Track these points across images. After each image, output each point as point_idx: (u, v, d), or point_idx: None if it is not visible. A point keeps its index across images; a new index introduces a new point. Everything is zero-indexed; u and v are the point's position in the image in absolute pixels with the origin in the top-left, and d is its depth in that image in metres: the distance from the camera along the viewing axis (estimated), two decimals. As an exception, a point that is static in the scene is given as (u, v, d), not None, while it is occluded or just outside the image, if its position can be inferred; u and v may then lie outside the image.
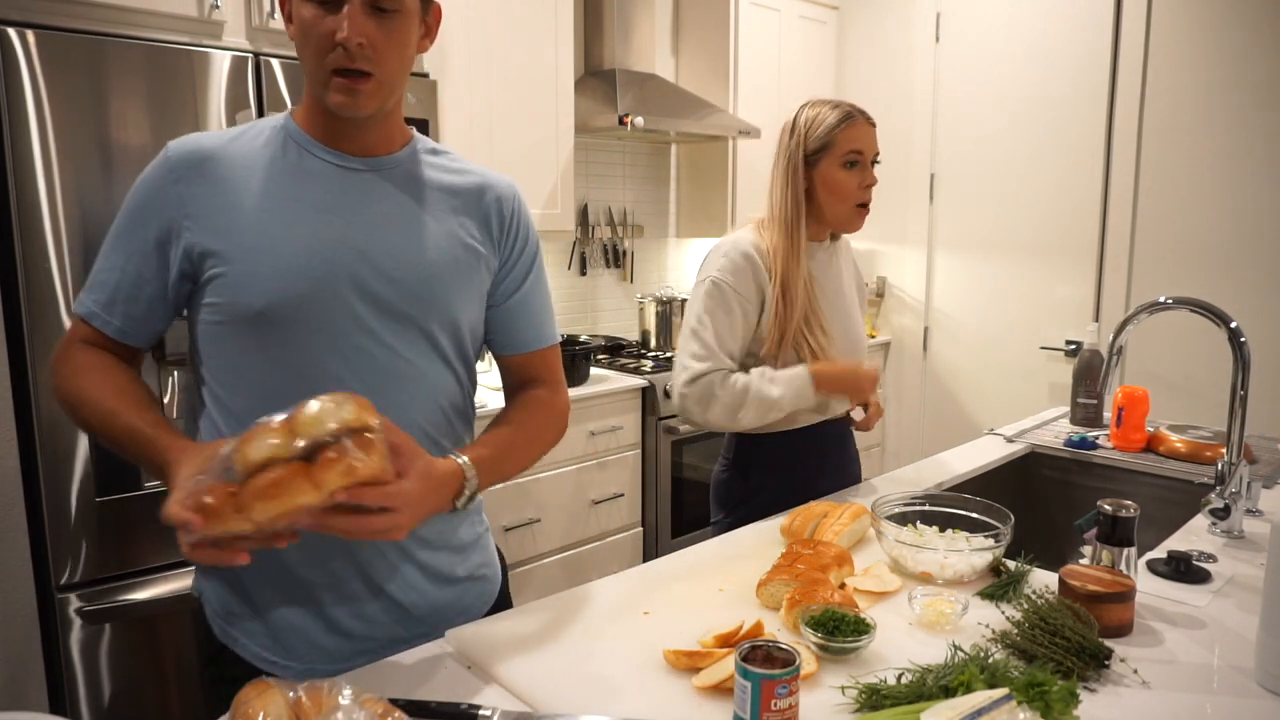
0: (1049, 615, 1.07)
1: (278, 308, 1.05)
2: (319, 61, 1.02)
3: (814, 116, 1.69)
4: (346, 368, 1.08)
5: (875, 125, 1.71)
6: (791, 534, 1.43)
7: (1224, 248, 3.09)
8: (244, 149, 1.09)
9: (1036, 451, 2.09)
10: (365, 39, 1.00)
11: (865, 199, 1.70)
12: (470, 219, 1.19)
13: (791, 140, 1.70)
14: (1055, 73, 3.41)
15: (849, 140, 1.66)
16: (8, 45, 1.71)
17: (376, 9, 1.01)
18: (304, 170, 1.09)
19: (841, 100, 1.71)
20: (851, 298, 1.83)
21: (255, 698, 0.80)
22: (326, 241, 1.07)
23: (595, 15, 3.31)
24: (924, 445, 3.87)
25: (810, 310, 1.68)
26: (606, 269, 3.67)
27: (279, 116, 1.13)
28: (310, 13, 1.00)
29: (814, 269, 1.73)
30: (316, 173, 1.09)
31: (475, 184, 1.23)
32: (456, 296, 1.16)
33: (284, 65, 2.04)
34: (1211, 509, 1.48)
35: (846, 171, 1.67)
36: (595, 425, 2.87)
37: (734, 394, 1.62)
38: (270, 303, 1.04)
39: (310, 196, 1.08)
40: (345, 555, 1.11)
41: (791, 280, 1.66)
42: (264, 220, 1.05)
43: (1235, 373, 1.49)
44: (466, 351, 1.21)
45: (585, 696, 0.97)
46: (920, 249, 3.90)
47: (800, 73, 3.83)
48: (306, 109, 1.11)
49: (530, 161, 2.91)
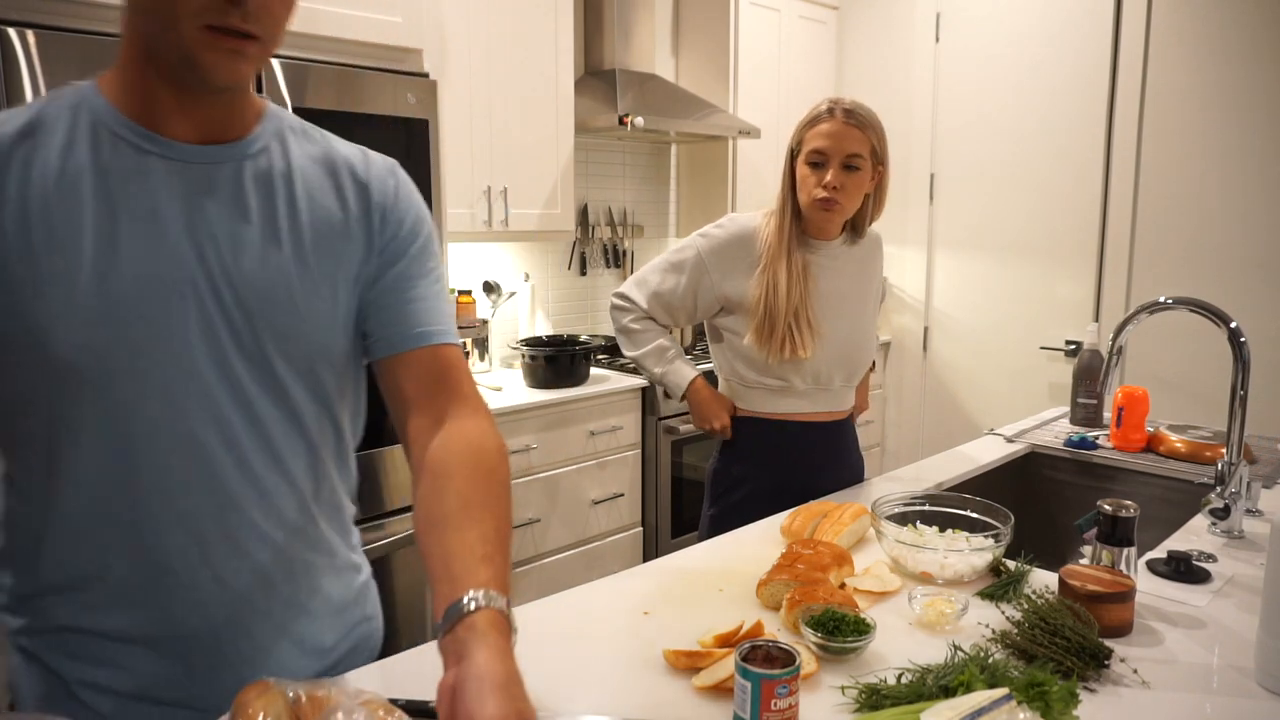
0: (1049, 615, 1.07)
1: (95, 358, 0.83)
2: (191, 16, 0.78)
3: (804, 115, 1.71)
4: (204, 430, 0.88)
5: (863, 127, 1.64)
6: (791, 534, 1.43)
7: (1224, 248, 3.09)
8: (48, 136, 0.84)
9: (1036, 451, 2.09)
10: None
11: (823, 195, 1.65)
12: (340, 198, 0.97)
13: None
14: (1055, 73, 3.41)
15: (811, 139, 1.66)
16: (8, 45, 1.71)
17: None
18: (129, 167, 0.85)
19: (839, 99, 1.68)
20: (858, 302, 1.80)
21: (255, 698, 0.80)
22: (165, 264, 0.85)
23: (595, 15, 3.31)
24: (924, 445, 3.87)
25: (800, 305, 1.68)
26: (606, 269, 3.67)
27: (69, 93, 0.87)
28: None
29: (812, 265, 1.72)
30: (148, 170, 0.86)
31: (339, 154, 0.99)
32: (326, 320, 0.95)
33: (283, 65, 2.04)
34: (1211, 509, 1.48)
35: (810, 170, 1.67)
36: (595, 425, 2.88)
37: (633, 335, 1.83)
38: (84, 352, 0.82)
39: (139, 204, 0.85)
40: (206, 641, 0.93)
41: (776, 270, 1.68)
42: (76, 240, 0.82)
43: (1235, 373, 1.49)
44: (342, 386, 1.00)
45: (585, 696, 0.97)
46: (920, 249, 3.89)
47: (800, 73, 3.83)
48: (129, 82, 0.86)
49: (530, 161, 2.91)
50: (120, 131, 0.86)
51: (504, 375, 3.09)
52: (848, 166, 1.64)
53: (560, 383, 2.88)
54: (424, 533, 0.85)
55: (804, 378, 1.74)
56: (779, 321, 1.67)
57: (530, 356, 2.89)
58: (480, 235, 2.80)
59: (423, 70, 2.38)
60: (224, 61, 0.82)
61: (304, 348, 0.93)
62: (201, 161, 0.89)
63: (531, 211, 2.94)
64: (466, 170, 2.71)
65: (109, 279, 0.83)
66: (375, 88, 2.19)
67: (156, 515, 0.89)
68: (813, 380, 1.75)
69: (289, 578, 0.97)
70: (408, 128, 2.26)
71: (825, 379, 1.77)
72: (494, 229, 2.81)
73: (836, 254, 1.77)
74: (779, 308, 1.67)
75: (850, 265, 1.79)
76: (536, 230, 2.98)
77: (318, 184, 0.96)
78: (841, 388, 1.81)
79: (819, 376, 1.76)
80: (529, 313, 3.27)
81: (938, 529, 1.42)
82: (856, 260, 1.81)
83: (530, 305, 3.27)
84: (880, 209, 1.79)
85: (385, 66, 2.25)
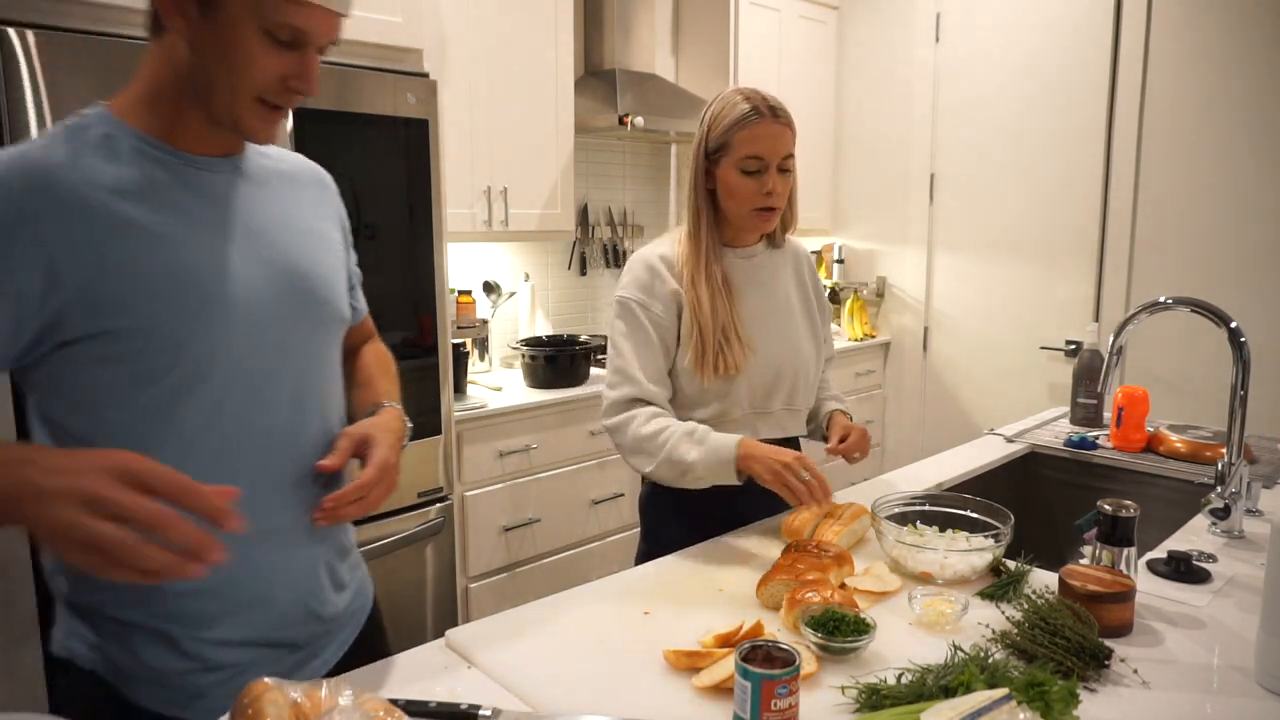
0: (1049, 615, 1.07)
1: (202, 354, 0.95)
2: (253, 92, 0.93)
3: (718, 111, 1.52)
4: (275, 393, 1.02)
5: (789, 124, 1.51)
6: (791, 534, 1.43)
7: (1224, 248, 3.09)
8: (86, 165, 0.92)
9: (1036, 451, 2.09)
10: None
11: (766, 204, 1.52)
12: (322, 208, 1.16)
13: (698, 134, 1.55)
14: (1055, 73, 3.41)
15: (747, 143, 1.48)
16: (8, 45, 1.71)
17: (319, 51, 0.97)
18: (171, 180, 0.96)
19: (756, 92, 1.51)
20: (786, 313, 1.64)
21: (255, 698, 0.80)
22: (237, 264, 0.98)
23: (595, 15, 3.31)
24: (924, 445, 3.87)
25: (727, 319, 1.54)
26: (606, 269, 3.67)
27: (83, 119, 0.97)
28: (265, 49, 0.92)
29: (733, 276, 1.58)
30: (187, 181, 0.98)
31: (305, 167, 1.16)
32: (343, 295, 1.15)
33: (284, 65, 2.04)
34: (1211, 509, 1.48)
35: (744, 177, 1.50)
36: (595, 425, 2.87)
37: (654, 442, 1.47)
38: (191, 350, 0.94)
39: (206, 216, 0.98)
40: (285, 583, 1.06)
41: (699, 288, 1.53)
42: (165, 251, 0.93)
43: (1235, 373, 1.49)
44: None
45: (585, 696, 0.97)
46: (920, 249, 3.90)
47: (800, 73, 3.83)
48: (159, 107, 0.96)
49: (530, 161, 2.91)
50: (154, 153, 0.96)
51: (504, 375, 3.09)
52: (781, 169, 1.52)
53: (560, 383, 2.88)
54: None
55: (739, 402, 1.58)
56: (709, 339, 1.52)
57: (530, 356, 2.89)
58: (480, 235, 2.80)
59: (423, 70, 2.38)
60: (266, 129, 0.98)
61: (334, 312, 1.11)
62: (226, 171, 1.02)
63: (531, 211, 2.94)
64: (466, 170, 2.71)
65: (193, 274, 0.95)
66: (375, 88, 2.19)
67: (242, 465, 1.00)
68: (749, 404, 1.59)
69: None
70: (408, 128, 2.26)
71: (762, 401, 1.61)
72: (494, 229, 2.81)
73: (758, 261, 1.63)
74: (706, 326, 1.52)
75: (773, 273, 1.65)
76: (536, 230, 2.98)
77: (295, 186, 1.12)
78: (783, 411, 1.64)
79: (754, 398, 1.60)
80: (529, 313, 3.27)
81: (938, 529, 1.42)
82: (778, 268, 1.66)
83: (530, 305, 3.27)
84: (796, 207, 1.63)
85: (385, 66, 2.25)
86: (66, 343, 0.91)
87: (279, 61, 0.93)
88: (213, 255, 0.97)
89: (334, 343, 1.13)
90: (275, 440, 1.02)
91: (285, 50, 0.93)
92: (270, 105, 0.95)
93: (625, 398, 1.53)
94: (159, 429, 0.94)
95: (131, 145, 0.95)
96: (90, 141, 0.93)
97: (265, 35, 0.91)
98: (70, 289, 0.88)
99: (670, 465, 1.46)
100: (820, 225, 4.11)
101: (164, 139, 0.97)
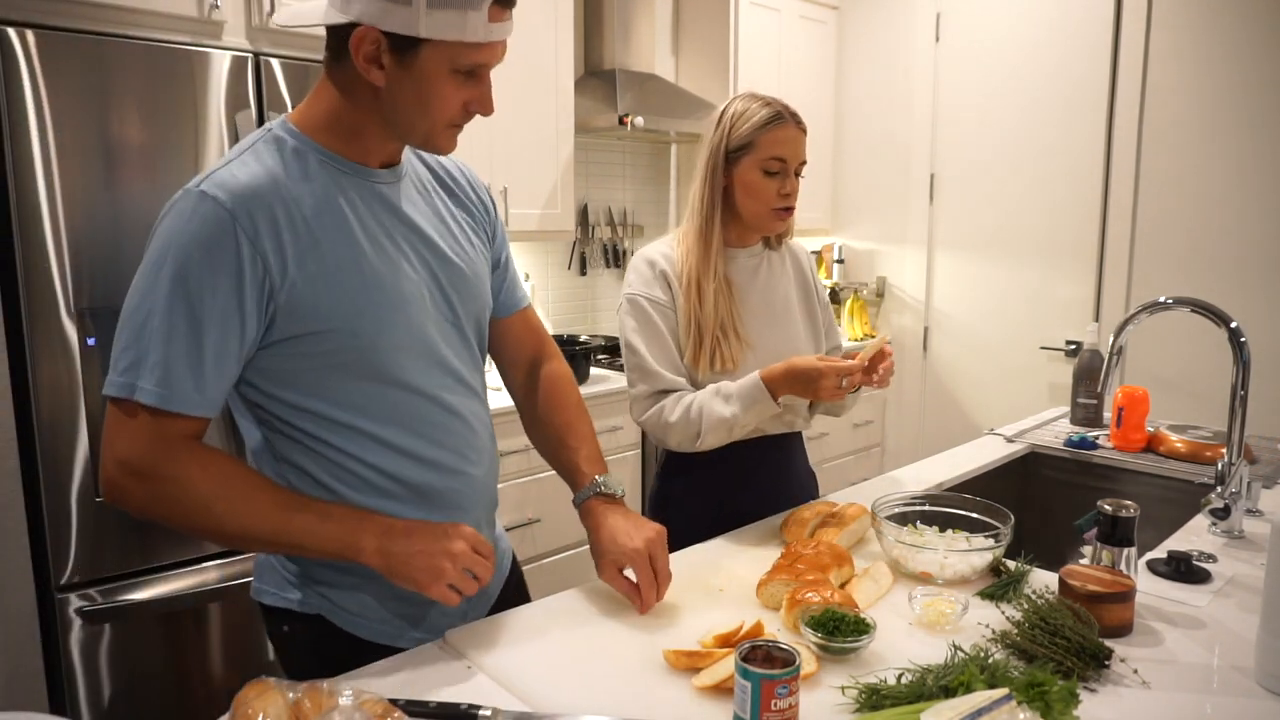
0: (1049, 615, 1.07)
1: (393, 347, 1.10)
2: (445, 121, 1.06)
3: (741, 111, 1.58)
4: (441, 372, 1.16)
5: (805, 131, 1.59)
6: (791, 534, 1.43)
7: (1224, 247, 3.09)
8: (287, 181, 1.04)
9: (1036, 451, 2.09)
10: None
11: (785, 204, 1.58)
12: (465, 200, 1.27)
13: (716, 134, 1.59)
14: (1055, 72, 3.41)
15: (772, 144, 1.55)
16: (8, 45, 1.71)
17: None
18: (355, 193, 1.09)
19: (775, 99, 1.59)
20: (789, 308, 1.69)
21: (255, 698, 0.80)
22: (407, 263, 1.12)
23: (595, 15, 3.31)
24: (924, 445, 3.87)
25: (726, 318, 1.58)
26: (606, 269, 3.67)
27: (275, 133, 1.07)
28: (453, 86, 1.03)
29: (734, 275, 1.63)
30: (370, 193, 1.11)
31: (447, 163, 1.28)
32: (485, 281, 1.26)
33: (284, 65, 2.04)
34: (1211, 509, 1.48)
35: (765, 178, 1.56)
36: (595, 425, 2.86)
37: (686, 420, 1.53)
38: (388, 344, 1.09)
39: (382, 221, 1.11)
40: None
41: (703, 287, 1.57)
42: (355, 260, 1.06)
43: (1235, 373, 1.49)
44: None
45: (585, 696, 0.97)
46: (920, 249, 3.89)
47: (800, 73, 3.83)
48: (342, 125, 1.08)
49: (530, 161, 2.91)
50: (336, 166, 1.08)
51: (504, 375, 3.09)
52: (797, 173, 1.59)
53: (560, 383, 2.88)
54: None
55: None
56: (706, 335, 1.57)
57: (530, 356, 2.89)
58: (480, 235, 2.80)
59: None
60: (453, 144, 1.11)
61: (479, 300, 1.23)
62: (392, 180, 1.14)
63: (531, 211, 2.94)
64: (466, 170, 2.71)
65: (392, 286, 1.09)
66: (375, 88, 2.18)
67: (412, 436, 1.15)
68: None
69: (491, 474, 1.28)
70: (408, 128, 2.26)
71: None
72: (494, 229, 2.80)
73: (758, 261, 1.67)
74: (705, 323, 1.57)
75: (772, 273, 1.69)
76: (536, 230, 2.98)
77: (439, 187, 1.23)
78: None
79: None
80: (529, 313, 3.26)
81: (938, 529, 1.42)
82: (778, 268, 1.71)
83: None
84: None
85: (385, 66, 2.25)
86: (274, 342, 1.04)
87: (464, 92, 1.05)
88: (388, 259, 1.10)
89: (482, 319, 1.26)
90: (442, 411, 1.16)
91: (468, 81, 1.04)
92: (457, 125, 1.09)
93: (649, 392, 1.58)
94: (350, 405, 1.09)
95: (318, 160, 1.07)
96: (287, 157, 1.05)
97: (454, 74, 1.03)
98: (281, 299, 1.01)
99: (715, 430, 1.53)
100: (820, 225, 4.11)
101: (341, 154, 1.08)
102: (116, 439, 0.99)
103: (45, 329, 1.79)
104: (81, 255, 1.81)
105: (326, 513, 1.05)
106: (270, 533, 1.03)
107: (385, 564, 1.04)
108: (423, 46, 0.99)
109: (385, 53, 1.00)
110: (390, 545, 1.04)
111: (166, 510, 1.01)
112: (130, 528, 1.91)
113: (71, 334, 1.82)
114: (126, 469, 0.98)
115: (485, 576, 1.07)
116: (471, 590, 1.06)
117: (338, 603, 1.16)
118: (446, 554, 1.04)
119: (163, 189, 1.88)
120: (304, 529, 1.03)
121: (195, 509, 1.01)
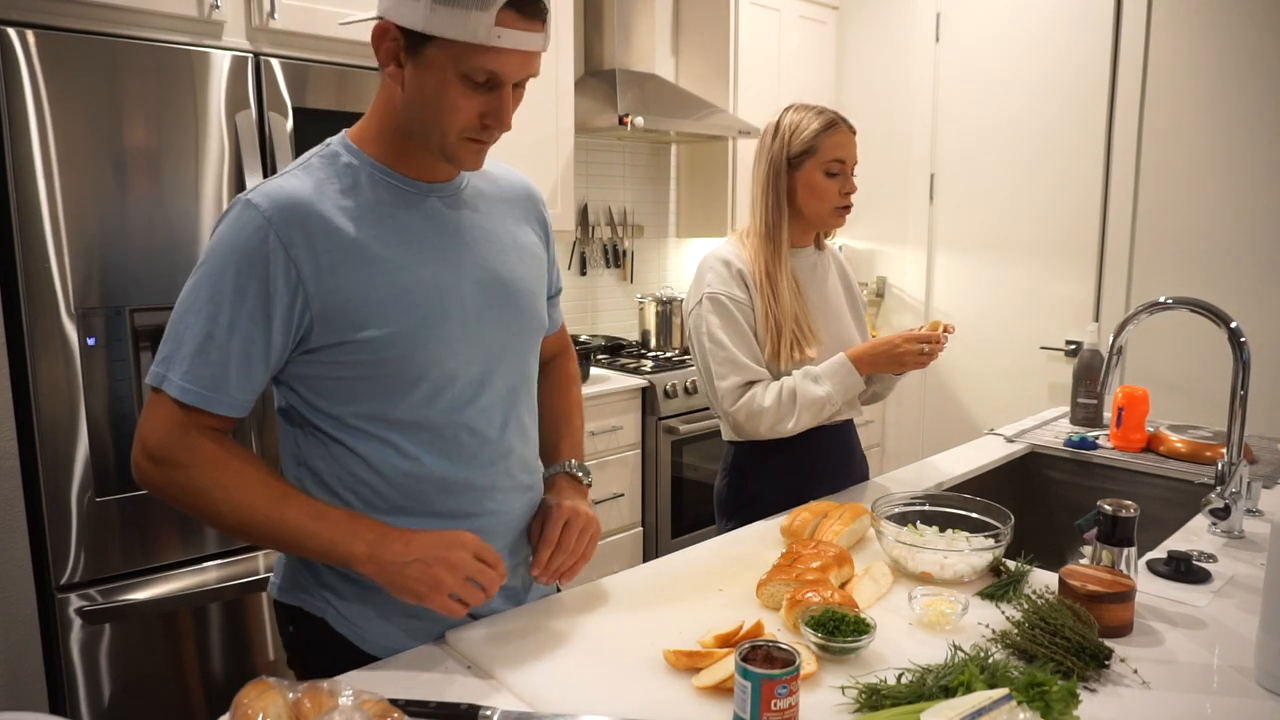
0: (1049, 615, 1.07)
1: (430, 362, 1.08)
2: (458, 132, 1.04)
3: (798, 121, 1.71)
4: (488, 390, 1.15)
5: (855, 133, 1.74)
6: (791, 534, 1.43)
7: (1224, 248, 3.09)
8: (332, 193, 1.05)
9: (1036, 451, 2.09)
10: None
11: (845, 203, 1.72)
12: (528, 223, 1.26)
13: (775, 143, 1.72)
14: (1055, 72, 3.41)
15: (833, 148, 1.69)
16: (8, 45, 1.71)
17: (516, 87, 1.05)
18: (404, 207, 1.09)
19: (825, 107, 1.73)
20: (840, 304, 1.83)
21: (255, 698, 0.80)
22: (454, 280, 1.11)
23: (595, 15, 3.31)
24: (924, 445, 3.87)
25: (799, 310, 1.70)
26: (606, 269, 3.67)
27: (332, 148, 1.10)
28: (463, 93, 1.01)
29: (798, 274, 1.74)
30: (413, 203, 1.10)
31: (517, 184, 1.28)
32: (543, 304, 1.25)
33: (284, 65, 2.04)
34: (1211, 509, 1.48)
35: (828, 179, 1.69)
36: (595, 425, 2.87)
37: (779, 402, 1.64)
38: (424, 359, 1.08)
39: (429, 237, 1.10)
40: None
41: (776, 284, 1.68)
42: (394, 273, 1.06)
43: (1235, 373, 1.49)
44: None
45: (585, 696, 0.97)
46: (920, 249, 3.90)
47: (800, 73, 3.83)
48: (390, 143, 1.09)
49: (530, 161, 2.91)
50: (386, 180, 1.09)
51: (504, 375, 3.09)
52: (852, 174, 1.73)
53: (560, 383, 2.88)
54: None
55: None
56: (785, 328, 1.68)
57: (530, 356, 2.89)
58: (480, 235, 2.80)
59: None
60: (474, 158, 1.08)
61: (535, 321, 1.22)
62: (446, 195, 1.14)
63: (531, 211, 2.94)
64: (466, 170, 2.71)
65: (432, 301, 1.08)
66: (375, 88, 2.18)
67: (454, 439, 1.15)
68: None
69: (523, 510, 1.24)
70: (408, 128, 2.26)
71: None
72: (494, 229, 2.80)
73: (813, 260, 1.81)
74: (784, 316, 1.68)
75: (824, 271, 1.83)
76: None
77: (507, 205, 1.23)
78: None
79: None
80: (529, 313, 3.26)
81: (938, 529, 1.42)
82: (827, 267, 1.85)
83: (530, 305, 3.27)
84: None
85: (385, 66, 2.25)
86: (310, 350, 1.05)
87: (476, 102, 1.02)
88: (434, 274, 1.09)
89: (534, 347, 1.25)
90: (485, 428, 1.15)
91: (481, 91, 1.01)
92: (475, 139, 1.06)
93: (739, 383, 1.66)
94: (386, 416, 1.09)
95: (369, 174, 1.08)
96: (339, 170, 1.07)
97: (463, 80, 1.00)
98: (315, 308, 1.03)
99: (810, 410, 1.65)
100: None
101: (393, 167, 1.09)
102: (145, 424, 1.04)
103: (45, 329, 1.79)
104: (82, 255, 1.81)
105: (320, 513, 1.04)
106: (265, 526, 1.03)
107: (379, 573, 1.02)
108: (431, 45, 0.99)
109: (402, 50, 1.01)
110: (384, 553, 1.02)
111: (179, 496, 1.04)
112: (130, 528, 1.92)
113: (71, 334, 1.82)
114: (147, 454, 1.03)
115: (492, 587, 1.05)
116: (477, 601, 1.04)
117: (341, 611, 1.15)
118: (445, 563, 1.02)
119: (163, 189, 1.88)
120: (296, 526, 1.03)
121: (200, 497, 1.04)
